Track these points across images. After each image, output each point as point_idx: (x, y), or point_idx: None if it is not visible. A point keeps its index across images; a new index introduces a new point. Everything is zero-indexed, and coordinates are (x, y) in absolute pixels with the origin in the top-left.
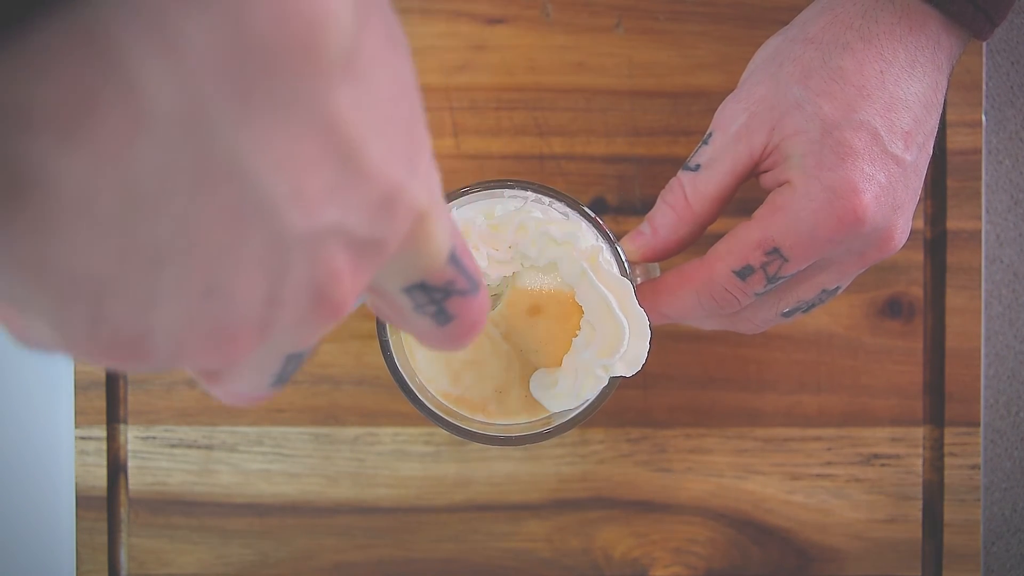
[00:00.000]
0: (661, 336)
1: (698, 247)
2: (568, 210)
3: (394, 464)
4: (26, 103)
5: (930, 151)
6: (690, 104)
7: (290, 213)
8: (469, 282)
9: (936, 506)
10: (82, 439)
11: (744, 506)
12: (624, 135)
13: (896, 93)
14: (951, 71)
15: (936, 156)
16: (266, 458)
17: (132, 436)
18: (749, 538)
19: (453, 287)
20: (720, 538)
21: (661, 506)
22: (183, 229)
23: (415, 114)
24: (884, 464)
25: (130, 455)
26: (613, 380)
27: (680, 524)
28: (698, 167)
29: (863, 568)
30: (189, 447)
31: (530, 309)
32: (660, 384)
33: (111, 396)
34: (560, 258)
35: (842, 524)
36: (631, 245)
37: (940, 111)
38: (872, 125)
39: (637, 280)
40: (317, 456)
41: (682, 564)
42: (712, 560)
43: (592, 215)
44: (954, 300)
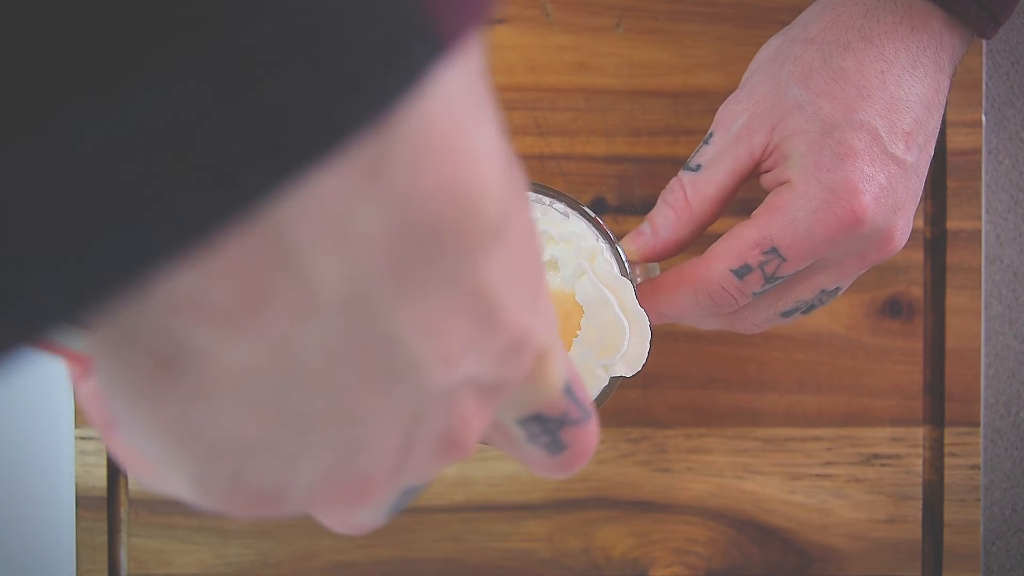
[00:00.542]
0: (661, 336)
1: (699, 247)
2: (568, 210)
3: None
4: (200, 297)
5: (931, 152)
6: (690, 104)
7: (433, 372)
8: (582, 412)
9: (936, 506)
10: (82, 439)
11: (744, 506)
12: (624, 135)
13: (897, 93)
14: (953, 71)
15: (936, 156)
16: None
17: None
18: (749, 538)
19: (567, 417)
20: (720, 538)
21: (661, 506)
22: (335, 400)
23: (538, 254)
24: (884, 464)
25: None
26: (614, 380)
27: (680, 524)
28: (699, 167)
29: (863, 568)
30: None
31: None
32: (660, 384)
33: None
34: (560, 258)
35: (842, 524)
36: (631, 245)
37: (942, 111)
38: (872, 126)
39: (637, 280)
40: None
41: (682, 564)
42: (712, 560)
43: (592, 215)
44: (954, 300)
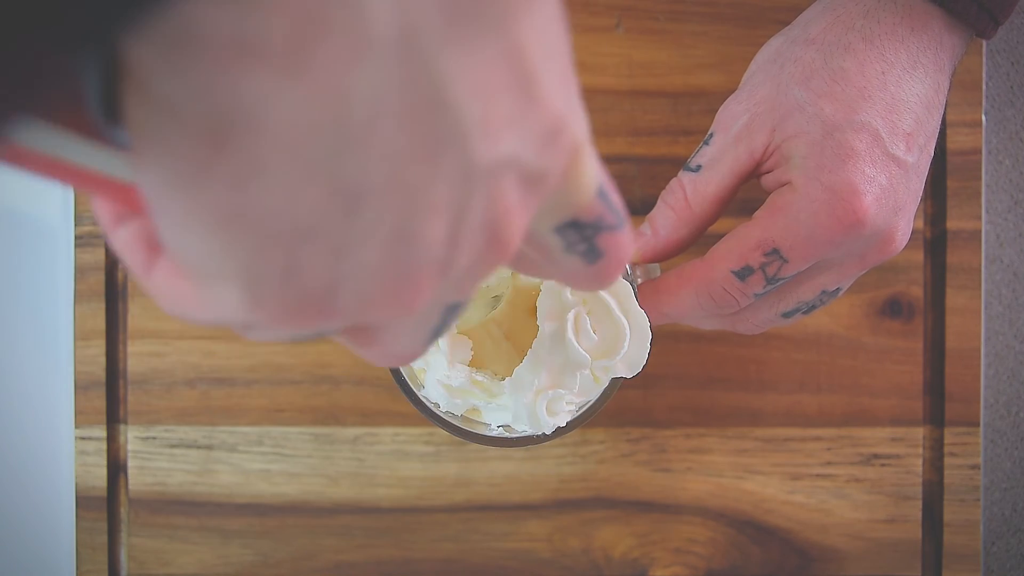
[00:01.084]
0: (661, 336)
1: (699, 247)
2: None
3: (394, 464)
4: (249, 35)
5: (932, 152)
6: (690, 104)
7: (477, 142)
8: (617, 216)
9: (936, 506)
10: (82, 439)
11: (744, 506)
12: (624, 135)
13: (897, 94)
14: (953, 71)
15: (936, 156)
16: (266, 458)
17: (132, 436)
18: (749, 538)
19: (603, 222)
20: (720, 538)
21: (661, 506)
22: (385, 166)
23: (567, 44)
24: (884, 464)
25: (130, 455)
26: (614, 381)
27: (680, 524)
28: (699, 168)
29: (863, 568)
30: (189, 447)
31: (531, 309)
32: (660, 384)
33: (111, 396)
34: None
35: (842, 524)
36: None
37: (942, 112)
38: (873, 127)
39: (637, 280)
40: (317, 456)
41: (682, 564)
42: (712, 560)
43: None
44: (954, 300)
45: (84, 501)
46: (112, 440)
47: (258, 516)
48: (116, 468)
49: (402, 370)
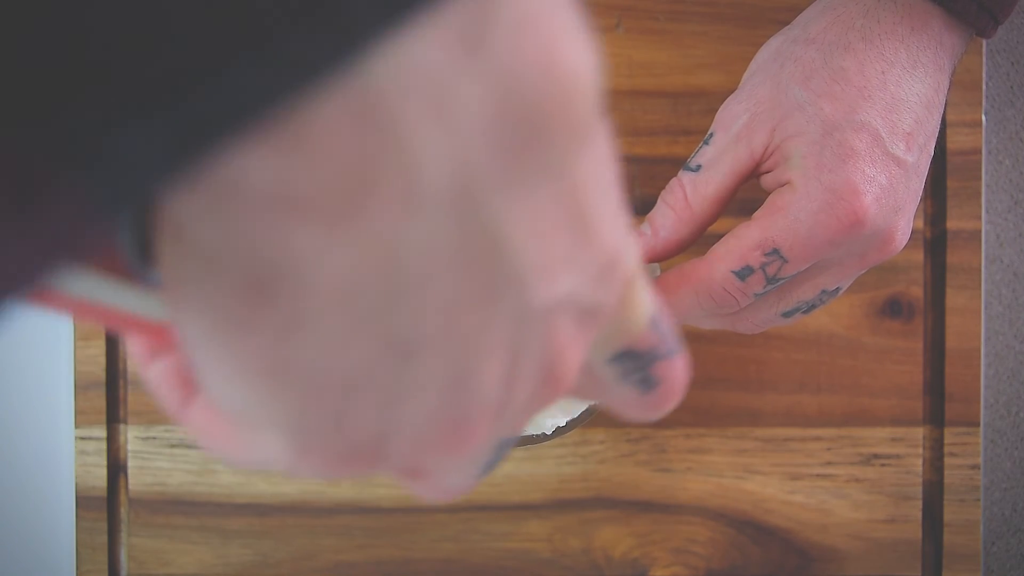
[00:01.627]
0: None
1: (699, 247)
2: None
3: None
4: (294, 189)
5: (931, 152)
6: (690, 104)
7: (534, 286)
8: (671, 345)
9: (936, 506)
10: (82, 439)
11: (744, 506)
12: (624, 135)
13: (897, 94)
14: (953, 71)
15: (936, 156)
16: None
17: (132, 436)
18: (749, 538)
19: (657, 352)
20: (720, 538)
21: (661, 506)
22: (438, 317)
23: (618, 176)
24: (884, 464)
25: (130, 455)
26: None
27: (680, 524)
28: (699, 167)
29: (863, 568)
30: (189, 447)
31: None
32: None
33: (111, 396)
34: None
35: (842, 524)
36: None
37: (942, 111)
38: (873, 126)
39: None
40: None
41: (682, 564)
42: (712, 560)
43: None
44: (954, 300)
45: (84, 501)
46: (112, 440)
47: (258, 516)
48: (116, 468)
49: None
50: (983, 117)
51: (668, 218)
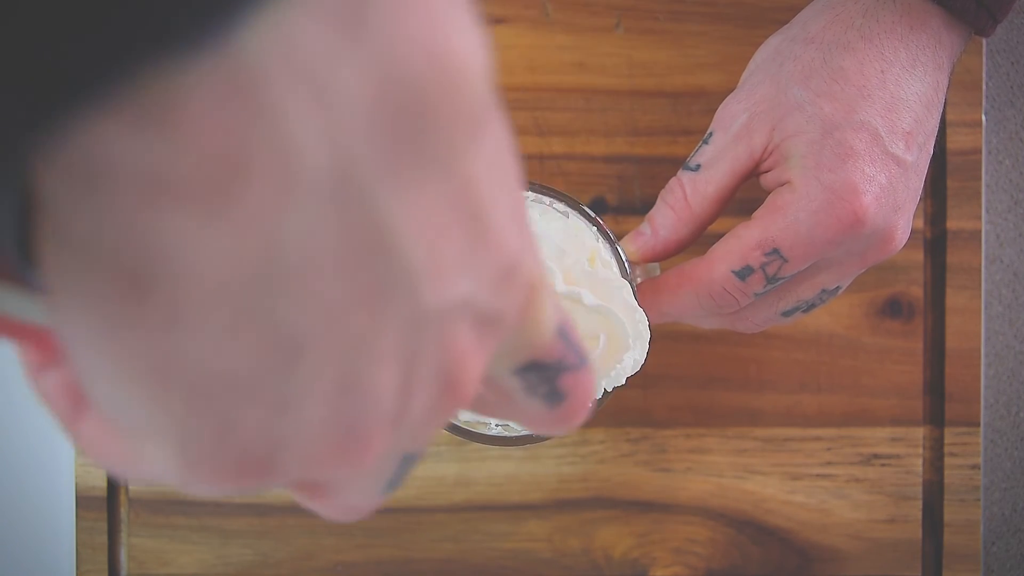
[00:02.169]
0: (661, 336)
1: (699, 246)
2: (568, 210)
3: None
4: (164, 170)
5: (931, 151)
6: (690, 104)
7: (426, 287)
8: (578, 356)
9: (936, 506)
10: None
11: (744, 506)
12: (624, 135)
13: (897, 93)
14: (952, 70)
15: (936, 156)
16: None
17: None
18: (749, 538)
19: (564, 363)
20: (720, 538)
21: (661, 506)
22: (325, 313)
23: (517, 172)
24: (884, 464)
25: None
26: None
27: (680, 524)
28: (698, 167)
29: (863, 568)
30: None
31: None
32: (660, 384)
33: None
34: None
35: (842, 524)
36: (631, 245)
37: (941, 110)
38: (873, 126)
39: (637, 280)
40: None
41: (682, 564)
42: (712, 560)
43: (592, 215)
44: (954, 300)
45: (84, 501)
46: None
47: (258, 516)
48: None
49: None
50: (983, 117)
51: (668, 218)
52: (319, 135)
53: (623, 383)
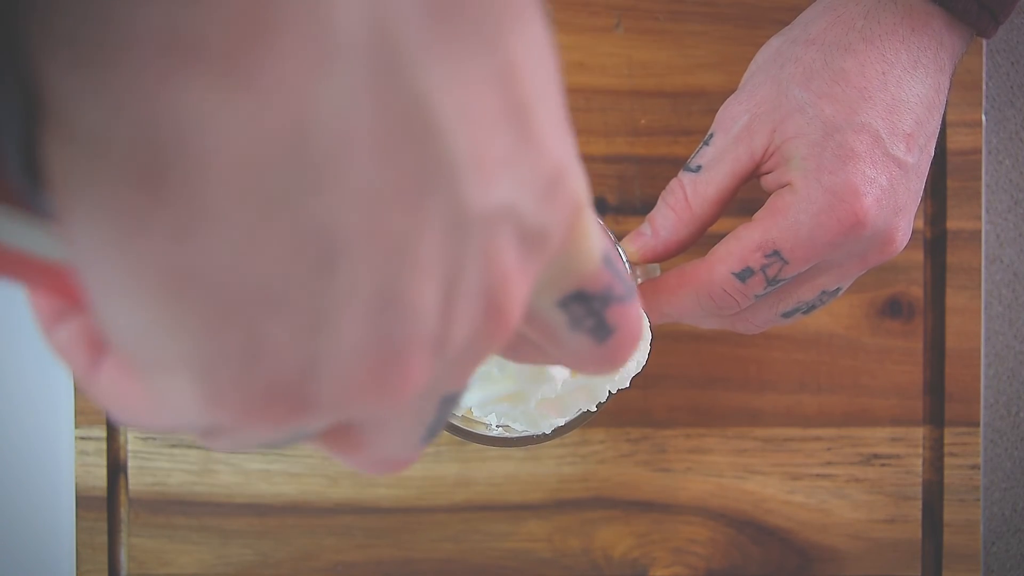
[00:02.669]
0: (661, 336)
1: (699, 247)
2: None
3: None
4: (182, 33)
5: (932, 152)
6: (690, 104)
7: (469, 182)
8: (626, 286)
9: (936, 506)
10: (82, 439)
11: (744, 506)
12: (624, 135)
13: (898, 95)
14: (954, 71)
15: (936, 156)
16: (266, 458)
17: (132, 436)
18: (749, 538)
19: (612, 293)
20: (720, 538)
21: (661, 506)
22: (361, 207)
23: (559, 78)
24: (884, 464)
25: (130, 455)
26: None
27: (680, 524)
28: (699, 168)
29: (863, 568)
30: (189, 447)
31: None
32: (660, 384)
33: None
34: None
35: (842, 524)
36: (632, 246)
37: (942, 111)
38: (874, 127)
39: (638, 280)
40: (317, 456)
41: (682, 564)
42: (712, 560)
43: None
44: (954, 300)
45: (84, 501)
46: (112, 440)
47: (258, 516)
48: (116, 468)
49: None
50: (983, 117)
51: (668, 219)
52: None
53: (627, 385)
